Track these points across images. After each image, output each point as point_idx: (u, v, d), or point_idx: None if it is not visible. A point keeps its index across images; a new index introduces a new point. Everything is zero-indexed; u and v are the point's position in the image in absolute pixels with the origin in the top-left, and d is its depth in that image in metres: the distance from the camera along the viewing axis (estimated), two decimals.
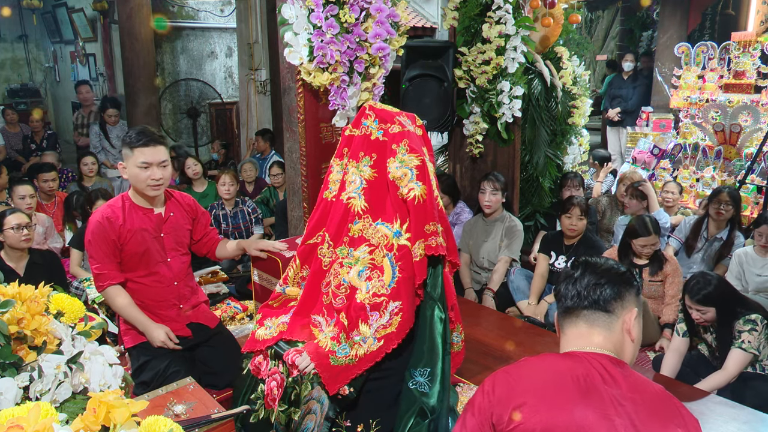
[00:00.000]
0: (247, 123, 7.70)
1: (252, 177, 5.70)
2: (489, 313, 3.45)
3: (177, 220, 2.68)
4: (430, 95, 4.13)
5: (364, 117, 2.19)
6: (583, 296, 1.34)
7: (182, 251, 2.72)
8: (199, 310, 2.79)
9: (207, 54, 8.83)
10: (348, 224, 2.14)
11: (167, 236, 2.64)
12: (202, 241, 2.81)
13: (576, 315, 1.35)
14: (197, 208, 2.80)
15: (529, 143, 4.65)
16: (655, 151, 6.23)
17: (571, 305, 1.36)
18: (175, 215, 2.68)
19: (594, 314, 1.34)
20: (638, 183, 4.55)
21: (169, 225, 2.65)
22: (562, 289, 1.38)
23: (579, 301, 1.34)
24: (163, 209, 2.65)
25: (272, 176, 5.43)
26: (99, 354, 1.58)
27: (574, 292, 1.35)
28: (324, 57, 2.88)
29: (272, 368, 2.14)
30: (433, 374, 2.06)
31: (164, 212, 2.65)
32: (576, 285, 1.35)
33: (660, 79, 7.93)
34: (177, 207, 2.71)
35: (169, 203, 2.68)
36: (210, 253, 2.86)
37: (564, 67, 4.79)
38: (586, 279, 1.35)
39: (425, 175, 2.05)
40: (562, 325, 1.39)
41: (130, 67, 6.60)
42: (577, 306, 1.35)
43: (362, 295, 2.01)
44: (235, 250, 2.85)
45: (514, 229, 3.98)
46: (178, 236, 2.69)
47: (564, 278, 1.40)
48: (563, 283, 1.40)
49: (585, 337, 1.34)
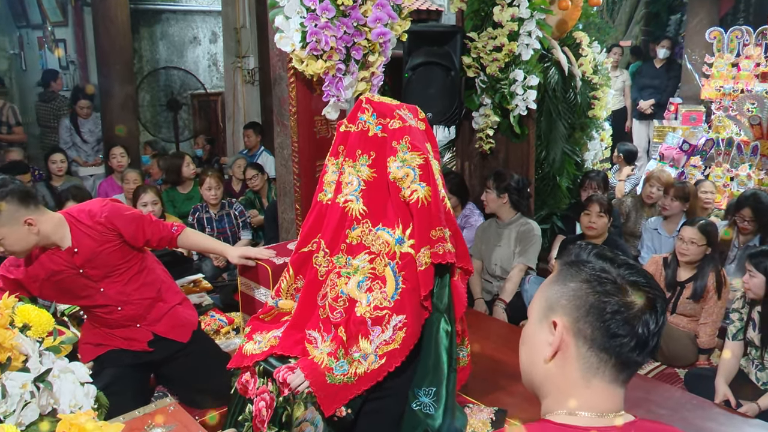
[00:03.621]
0: (233, 116, 7.70)
1: (242, 175, 5.71)
2: (500, 326, 3.45)
3: (91, 248, 2.48)
4: (436, 85, 4.13)
5: (360, 111, 2.19)
6: (652, 354, 0.99)
7: (119, 272, 2.57)
8: (169, 321, 2.70)
9: (189, 40, 8.84)
10: (345, 230, 2.15)
11: (90, 270, 2.50)
12: (150, 243, 2.67)
13: (628, 373, 1.00)
14: (114, 219, 2.52)
15: (545, 138, 4.65)
16: (685, 146, 6.23)
17: (639, 361, 0.99)
18: (85, 243, 2.48)
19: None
20: (681, 183, 4.53)
21: (84, 257, 2.47)
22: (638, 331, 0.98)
23: (646, 359, 1.00)
24: (69, 242, 2.45)
25: (248, 180, 5.39)
26: (69, 371, 1.58)
27: (651, 346, 0.99)
28: (318, 43, 2.89)
29: (261, 387, 2.14)
30: (438, 394, 2.06)
31: (72, 244, 2.45)
32: (657, 338, 0.99)
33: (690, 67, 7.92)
34: (82, 234, 2.48)
35: (75, 231, 2.46)
36: (171, 246, 2.77)
37: (583, 54, 4.80)
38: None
39: (429, 174, 2.06)
40: (594, 371, 0.99)
41: (104, 55, 6.60)
42: (641, 363, 1.00)
43: (362, 309, 2.01)
44: (206, 249, 2.78)
45: (530, 233, 3.98)
46: (104, 262, 2.52)
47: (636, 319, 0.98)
48: (638, 324, 0.98)
49: (617, 401, 1.01)
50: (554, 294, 1.04)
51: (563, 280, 1.04)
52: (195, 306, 3.77)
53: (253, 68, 7.36)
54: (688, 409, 2.66)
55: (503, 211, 4.05)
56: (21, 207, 2.30)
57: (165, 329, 2.69)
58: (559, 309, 1.02)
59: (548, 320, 1.03)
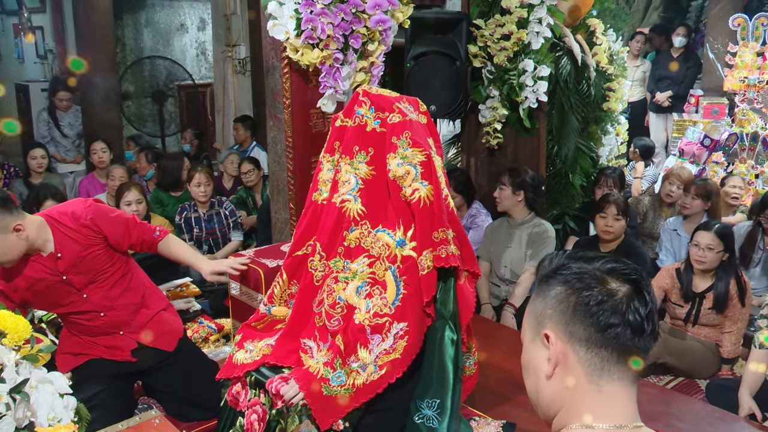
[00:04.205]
0: (223, 109, 7.71)
1: (235, 171, 5.71)
2: (509, 333, 3.45)
3: (76, 252, 2.48)
4: (440, 76, 4.13)
5: (357, 104, 2.19)
6: (653, 336, 1.01)
7: (104, 277, 2.58)
8: (153, 328, 2.71)
9: (176, 27, 8.85)
10: (343, 232, 2.15)
11: (73, 276, 2.50)
12: (134, 247, 2.69)
13: (627, 354, 1.00)
14: (99, 221, 2.53)
15: (557, 133, 4.66)
16: (706, 141, 6.23)
17: (645, 347, 1.01)
18: (69, 247, 2.48)
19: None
20: (702, 180, 4.52)
21: (67, 263, 2.47)
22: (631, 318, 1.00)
23: (652, 343, 1.01)
24: (52, 246, 2.45)
25: (243, 174, 5.41)
26: (48, 382, 1.59)
27: (650, 329, 1.00)
28: (314, 31, 2.89)
29: (252, 399, 2.15)
30: (443, 406, 2.06)
31: (54, 249, 2.45)
32: (653, 318, 1.01)
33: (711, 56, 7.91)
34: (66, 238, 2.48)
35: (57, 235, 2.46)
36: (151, 251, 2.77)
37: (598, 43, 4.80)
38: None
39: (431, 172, 2.06)
40: (600, 372, 1.01)
41: (85, 43, 6.60)
42: (647, 349, 1.01)
43: (361, 316, 2.02)
44: (181, 260, 2.79)
45: (543, 235, 3.98)
46: (89, 267, 2.52)
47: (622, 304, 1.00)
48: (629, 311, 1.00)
49: (630, 398, 1.02)
50: (538, 308, 1.07)
51: (543, 292, 1.07)
52: (183, 312, 3.79)
53: (245, 58, 7.36)
54: (710, 422, 2.66)
55: (517, 210, 4.04)
56: (6, 213, 2.28)
57: (149, 337, 2.69)
58: (546, 320, 1.04)
59: (540, 336, 1.05)
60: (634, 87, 7.67)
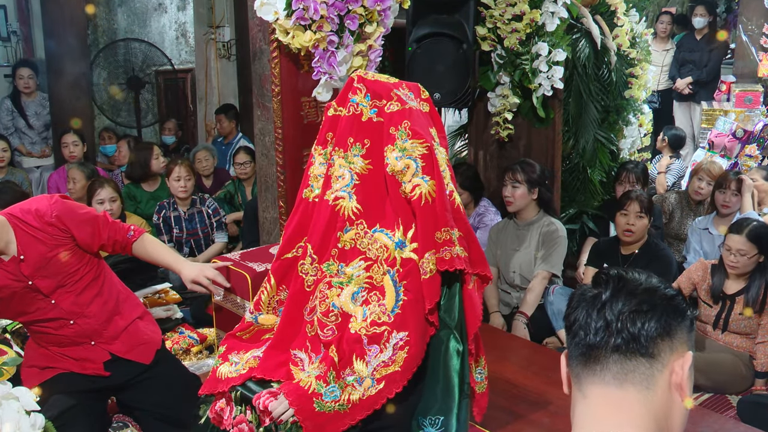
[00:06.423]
0: (205, 97, 7.72)
1: (209, 168, 5.67)
2: (521, 344, 3.46)
3: (41, 253, 2.47)
4: (445, 61, 4.14)
5: (351, 92, 2.20)
6: (614, 330, 1.16)
7: (73, 281, 2.57)
8: (128, 338, 2.71)
9: (153, 7, 8.84)
10: (336, 233, 2.15)
11: (39, 280, 2.49)
12: (105, 248, 2.68)
13: (602, 362, 1.16)
14: (65, 219, 2.52)
15: (574, 123, 4.67)
16: (739, 133, 6.24)
17: (594, 342, 1.17)
18: (33, 249, 2.46)
19: (630, 361, 1.16)
20: (736, 173, 4.53)
21: (32, 266, 2.45)
22: (581, 317, 1.19)
23: (608, 338, 1.16)
24: (15, 249, 2.43)
25: (238, 165, 5.41)
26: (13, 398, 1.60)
27: (600, 324, 1.17)
28: (306, 11, 2.90)
29: (238, 416, 2.16)
30: (447, 424, 2.07)
31: (17, 251, 2.43)
32: (604, 311, 1.17)
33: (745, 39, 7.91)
34: (30, 238, 2.46)
35: (20, 235, 2.44)
36: (125, 253, 2.77)
37: (619, 24, 4.81)
38: (620, 303, 1.17)
39: (434, 166, 2.07)
40: (578, 379, 1.20)
41: (52, 24, 6.60)
42: (604, 345, 1.17)
43: (357, 324, 2.03)
44: (160, 262, 2.79)
45: (553, 235, 3.99)
46: (56, 270, 2.51)
47: (582, 300, 1.21)
48: (581, 307, 1.20)
49: (617, 405, 1.15)
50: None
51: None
52: (162, 321, 3.80)
53: (229, 41, 7.37)
54: None
55: (529, 210, 4.05)
56: None
57: (124, 348, 2.69)
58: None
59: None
60: (663, 73, 7.64)
